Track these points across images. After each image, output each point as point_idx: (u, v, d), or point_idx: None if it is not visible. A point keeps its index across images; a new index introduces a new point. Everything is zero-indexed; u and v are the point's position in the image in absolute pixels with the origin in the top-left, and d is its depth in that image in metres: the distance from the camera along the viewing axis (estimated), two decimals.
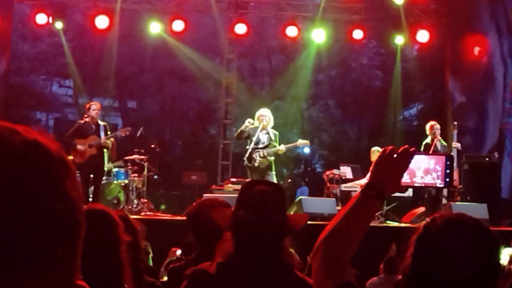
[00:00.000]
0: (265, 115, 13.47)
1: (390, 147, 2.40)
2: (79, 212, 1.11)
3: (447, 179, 2.62)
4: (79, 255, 1.13)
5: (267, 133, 13.50)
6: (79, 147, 12.98)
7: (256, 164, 13.38)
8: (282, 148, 13.46)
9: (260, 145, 13.41)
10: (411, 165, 2.44)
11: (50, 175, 1.06)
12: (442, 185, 2.65)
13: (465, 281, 2.10)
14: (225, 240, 3.27)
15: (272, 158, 13.49)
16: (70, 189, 1.09)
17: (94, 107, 13.32)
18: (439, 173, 2.61)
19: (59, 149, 1.11)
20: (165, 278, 5.20)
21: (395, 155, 2.37)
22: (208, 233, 3.92)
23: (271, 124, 13.56)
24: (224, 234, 3.31)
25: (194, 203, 4.70)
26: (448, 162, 2.64)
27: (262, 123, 13.35)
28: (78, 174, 13.13)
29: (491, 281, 2.15)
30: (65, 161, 1.11)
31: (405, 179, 2.49)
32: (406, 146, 2.40)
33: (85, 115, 13.38)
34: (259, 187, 3.23)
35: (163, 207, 16.32)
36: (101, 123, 13.39)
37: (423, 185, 2.62)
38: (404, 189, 2.46)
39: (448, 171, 2.62)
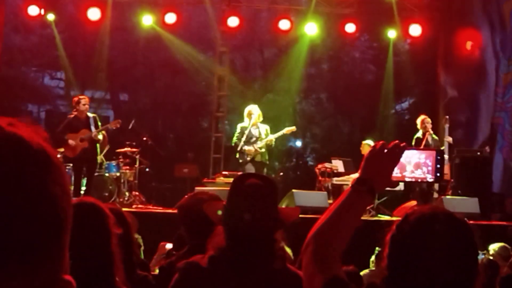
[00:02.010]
0: (253, 111, 13.62)
1: (380, 142, 2.40)
2: (62, 208, 1.08)
3: (438, 174, 2.63)
4: (65, 250, 1.12)
5: (258, 128, 13.62)
6: (71, 141, 13.00)
7: (248, 158, 13.46)
8: (270, 138, 13.56)
9: (253, 139, 13.52)
10: (402, 160, 2.45)
11: (28, 170, 1.04)
12: (432, 180, 2.66)
13: (442, 278, 2.08)
14: (217, 233, 3.27)
15: (264, 150, 13.60)
16: (52, 185, 1.07)
17: (84, 102, 13.32)
18: (430, 168, 2.62)
19: (42, 143, 1.09)
20: (157, 271, 5.20)
21: (385, 150, 2.37)
22: (199, 227, 3.91)
23: (261, 118, 13.69)
24: (216, 227, 3.31)
25: (186, 196, 4.70)
26: (438, 157, 2.64)
27: (252, 121, 13.49)
28: (69, 168, 13.16)
29: (469, 276, 2.14)
30: (48, 155, 1.09)
31: (396, 173, 2.50)
32: (397, 141, 2.40)
33: (74, 110, 13.36)
34: (250, 180, 3.23)
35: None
36: (90, 115, 13.38)
37: (413, 179, 2.63)
38: (395, 184, 2.46)
39: (438, 166, 2.63)
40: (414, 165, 2.61)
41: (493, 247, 8.88)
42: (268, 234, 3.20)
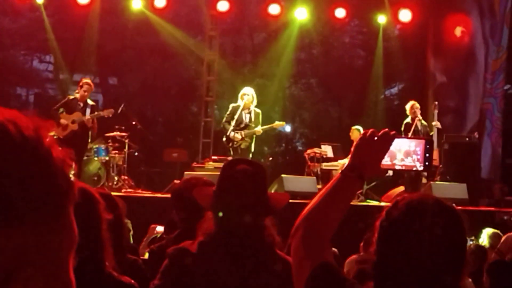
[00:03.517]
0: (247, 93, 13.47)
1: (370, 130, 2.41)
2: (66, 180, 1.11)
3: (427, 163, 2.64)
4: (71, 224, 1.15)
5: (249, 112, 13.51)
6: (62, 121, 13.07)
7: (235, 145, 13.42)
8: (258, 130, 13.48)
9: (242, 125, 13.44)
10: (392, 148, 2.46)
11: (18, 156, 1.06)
12: (421, 168, 2.67)
13: (431, 263, 2.10)
14: (207, 219, 3.28)
15: (250, 139, 13.51)
16: (28, 172, 1.08)
17: (86, 88, 13.39)
18: (419, 156, 2.63)
19: (34, 129, 1.11)
20: (146, 255, 5.21)
21: (375, 138, 2.39)
22: (191, 212, 3.92)
23: (254, 103, 13.57)
24: (206, 213, 3.32)
25: (177, 181, 4.71)
26: (427, 146, 2.65)
27: (244, 102, 13.36)
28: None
29: (458, 260, 2.15)
30: (28, 141, 1.09)
31: (386, 161, 2.51)
32: (387, 129, 2.41)
33: (76, 91, 13.49)
34: (241, 166, 3.23)
35: None
36: (90, 102, 13.46)
37: (403, 167, 2.64)
38: (384, 172, 2.48)
39: (427, 154, 2.64)
40: (404, 153, 2.62)
41: (488, 231, 8.94)
42: (258, 220, 3.21)
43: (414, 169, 2.66)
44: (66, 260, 1.11)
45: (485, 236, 8.88)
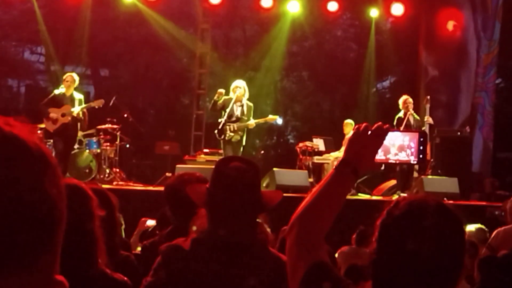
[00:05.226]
0: (240, 86, 13.42)
1: (364, 124, 2.39)
2: (58, 209, 1.09)
3: (421, 156, 2.65)
4: (58, 251, 1.11)
5: (241, 105, 13.45)
6: (52, 115, 13.02)
7: (226, 138, 13.36)
8: (251, 123, 13.44)
9: (233, 118, 13.37)
10: (386, 142, 2.45)
11: (26, 171, 1.04)
12: (415, 162, 2.67)
13: (429, 264, 2.09)
14: (200, 216, 3.26)
15: (242, 132, 13.46)
16: (49, 186, 1.07)
17: (68, 79, 13.36)
18: (413, 150, 2.63)
19: (39, 144, 1.09)
20: (138, 249, 5.19)
21: (369, 132, 2.37)
22: (184, 208, 3.90)
23: (246, 95, 13.51)
24: (199, 210, 3.30)
25: (169, 174, 4.68)
26: (421, 139, 2.66)
27: (236, 95, 13.31)
28: (50, 144, 13.13)
29: (456, 263, 2.15)
30: (45, 155, 1.09)
31: (380, 155, 2.50)
32: (380, 123, 2.40)
33: (62, 86, 13.45)
34: (234, 164, 3.22)
35: None
36: (77, 95, 13.38)
37: (397, 161, 2.64)
38: (379, 166, 2.46)
39: (421, 147, 2.65)
40: (398, 147, 2.62)
41: (470, 228, 8.93)
42: (251, 217, 3.20)
43: (409, 163, 2.67)
44: None
45: (468, 233, 8.86)
